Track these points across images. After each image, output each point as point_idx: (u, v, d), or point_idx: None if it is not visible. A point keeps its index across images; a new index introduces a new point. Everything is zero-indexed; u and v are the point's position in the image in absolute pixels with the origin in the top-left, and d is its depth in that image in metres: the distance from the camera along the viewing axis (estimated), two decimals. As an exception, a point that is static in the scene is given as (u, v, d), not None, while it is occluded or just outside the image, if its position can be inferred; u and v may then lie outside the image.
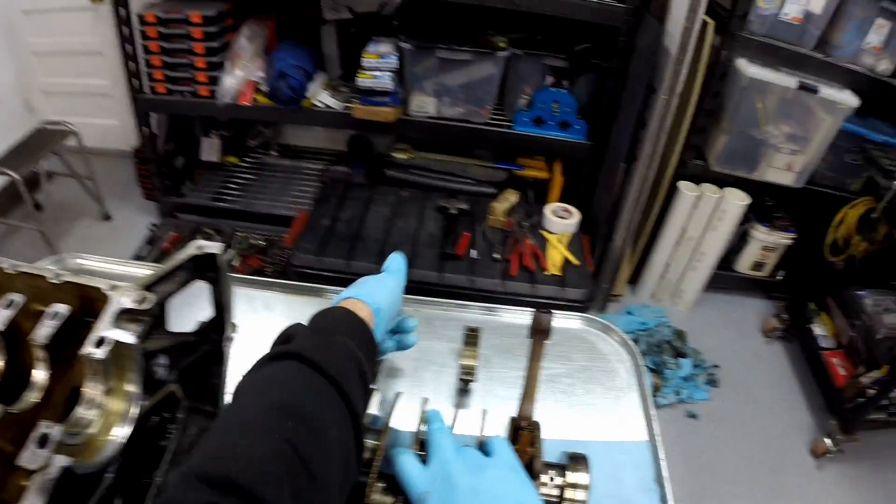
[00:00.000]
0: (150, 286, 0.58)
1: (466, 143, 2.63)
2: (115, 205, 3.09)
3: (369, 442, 0.68)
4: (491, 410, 0.76)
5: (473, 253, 2.01)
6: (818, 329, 2.46)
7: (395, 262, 0.84)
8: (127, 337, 0.53)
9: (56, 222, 2.86)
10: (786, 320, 2.63)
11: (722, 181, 2.51)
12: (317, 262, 1.99)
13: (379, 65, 2.18)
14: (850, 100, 2.22)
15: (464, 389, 0.90)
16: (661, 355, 2.45)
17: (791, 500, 2.06)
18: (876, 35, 2.21)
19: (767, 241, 2.65)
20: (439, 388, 0.91)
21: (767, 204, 2.68)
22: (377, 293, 0.73)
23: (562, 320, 1.06)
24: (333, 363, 0.57)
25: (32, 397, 0.53)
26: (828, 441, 2.14)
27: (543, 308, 0.76)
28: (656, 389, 2.35)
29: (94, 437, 0.52)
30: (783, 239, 2.64)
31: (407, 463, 0.64)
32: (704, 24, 2.15)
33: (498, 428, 0.77)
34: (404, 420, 0.73)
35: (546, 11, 2.09)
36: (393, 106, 2.25)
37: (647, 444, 0.86)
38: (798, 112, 2.35)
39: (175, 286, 0.62)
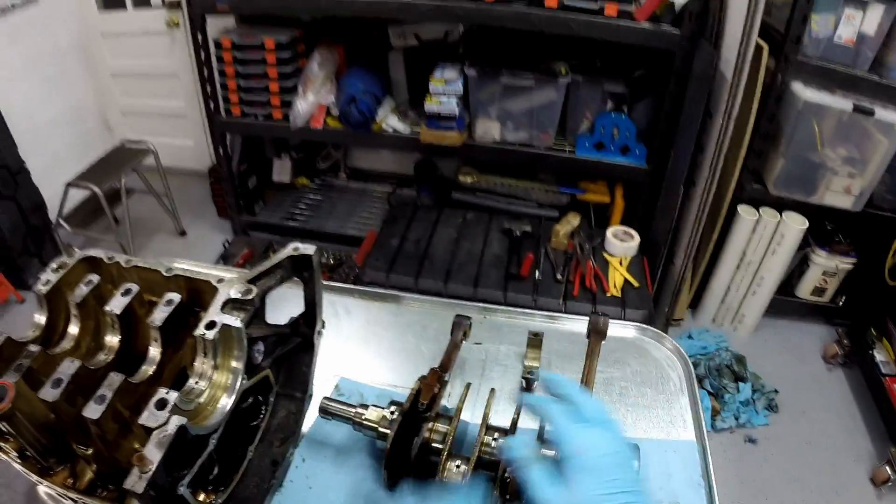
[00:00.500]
0: (253, 280, 0.67)
1: (530, 167, 2.69)
2: (190, 221, 3.24)
3: (440, 426, 0.76)
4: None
5: (537, 274, 2.07)
6: (880, 355, 2.41)
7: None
8: (234, 321, 0.61)
9: (134, 236, 3.03)
10: (846, 346, 2.60)
11: (780, 205, 2.51)
12: (385, 279, 2.07)
13: (445, 90, 2.26)
14: (906, 121, 2.19)
15: (526, 388, 0.96)
16: (721, 379, 2.45)
17: None
18: None
19: (828, 266, 2.62)
20: (504, 385, 0.97)
21: (827, 228, 2.65)
22: None
23: (618, 329, 1.11)
24: None
25: (149, 371, 0.62)
26: (888, 469, 2.10)
27: (603, 315, 0.86)
28: (715, 414, 2.35)
29: (204, 405, 0.61)
30: (843, 264, 2.61)
31: (538, 481, 0.57)
32: (759, 47, 2.17)
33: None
34: (472, 409, 0.83)
35: (603, 36, 2.15)
36: (458, 130, 2.33)
37: (696, 444, 0.91)
38: (854, 134, 2.34)
39: (275, 282, 0.71)
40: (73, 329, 0.65)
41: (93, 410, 0.54)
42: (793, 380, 2.55)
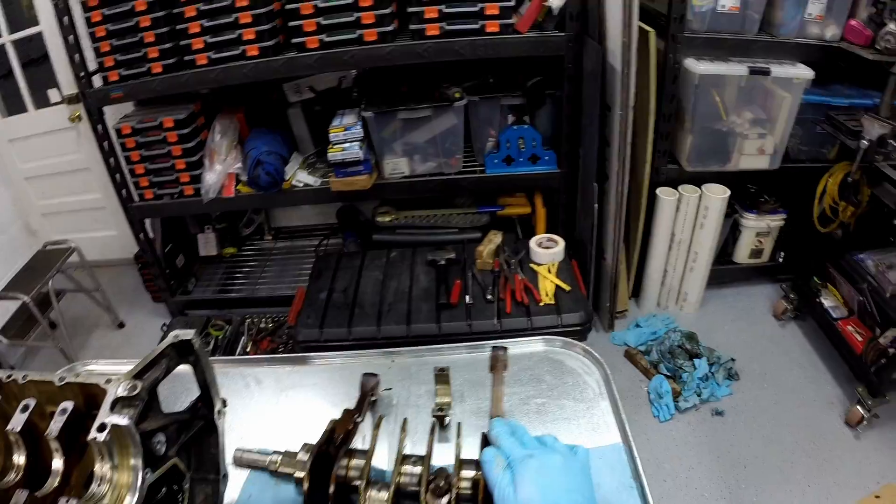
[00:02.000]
0: (138, 375, 0.68)
1: (444, 194, 2.70)
2: (126, 311, 3.19)
3: (357, 462, 0.77)
4: (471, 436, 0.82)
5: (467, 299, 2.06)
6: (827, 301, 2.46)
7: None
8: (122, 420, 0.62)
9: (73, 337, 2.97)
10: (794, 300, 2.64)
11: (700, 180, 2.55)
12: (319, 335, 2.04)
13: (346, 136, 2.27)
14: (804, 73, 2.26)
15: (441, 425, 0.94)
16: (675, 360, 2.47)
17: (834, 475, 2.05)
18: (816, 4, 2.24)
19: (759, 227, 2.68)
20: (417, 427, 0.95)
21: (751, 191, 2.71)
22: None
23: (525, 346, 1.10)
24: None
25: (54, 483, 0.63)
26: (860, 409, 2.14)
27: (501, 348, 0.90)
28: (677, 395, 2.36)
29: None
30: (774, 221, 2.67)
31: (504, 431, 0.71)
32: (645, 33, 2.22)
33: (474, 449, 0.81)
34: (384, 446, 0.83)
35: (490, 55, 2.18)
36: (367, 173, 2.33)
37: (622, 445, 0.90)
38: (757, 96, 2.40)
39: (161, 372, 0.71)
40: None
41: None
42: (748, 344, 2.59)
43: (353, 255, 2.28)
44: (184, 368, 0.77)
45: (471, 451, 0.77)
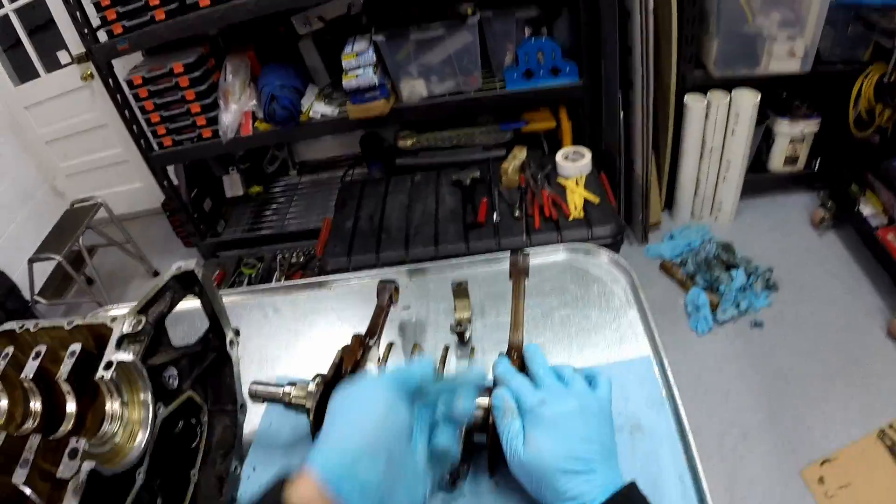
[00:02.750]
0: (142, 310, 0.68)
1: (465, 114, 2.64)
2: (159, 259, 3.25)
3: None
4: (492, 353, 0.78)
5: (495, 216, 2.03)
6: (866, 209, 2.37)
7: (398, 372, 0.59)
8: (127, 356, 0.62)
9: (110, 290, 3.03)
10: (832, 208, 2.55)
11: (729, 85, 2.44)
12: (348, 263, 2.04)
13: (359, 62, 2.22)
14: (833, -32, 2.12)
15: (460, 341, 0.90)
16: (712, 272, 2.41)
17: (875, 387, 1.99)
18: None
19: (793, 133, 2.57)
20: (437, 343, 0.91)
21: (783, 96, 2.60)
22: (335, 438, 0.52)
23: (547, 255, 1.05)
24: None
25: (67, 426, 0.62)
26: None
27: (521, 252, 0.81)
28: (714, 307, 2.32)
29: (122, 444, 0.62)
30: (808, 127, 2.56)
31: (510, 370, 0.66)
32: (666, -69, 2.11)
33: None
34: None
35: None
36: (384, 98, 2.29)
37: (651, 358, 0.84)
38: (784, -4, 2.27)
39: (165, 306, 0.71)
40: (2, 403, 0.66)
41: (19, 475, 0.55)
42: (786, 254, 2.51)
43: (378, 182, 2.26)
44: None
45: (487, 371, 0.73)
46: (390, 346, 0.80)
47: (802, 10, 2.27)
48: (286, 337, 1.03)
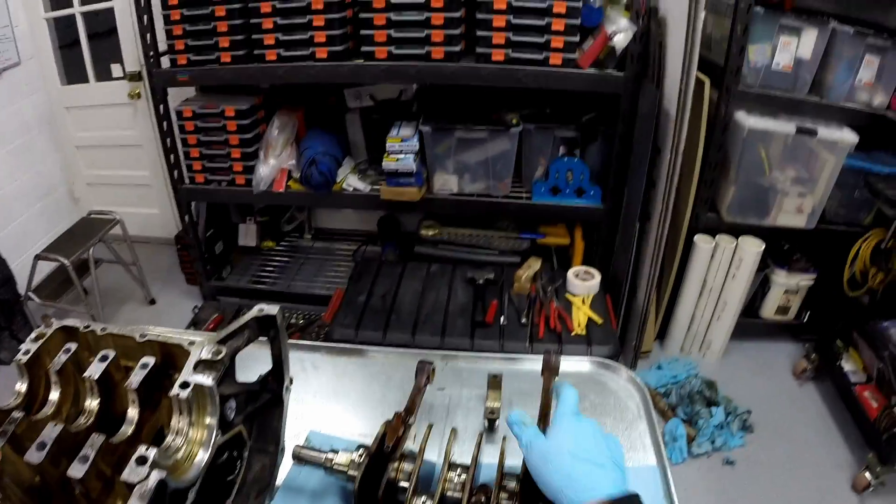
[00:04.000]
0: (222, 341, 0.71)
1: (489, 215, 2.74)
2: (158, 289, 3.25)
3: (406, 466, 0.81)
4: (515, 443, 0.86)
5: (502, 319, 2.11)
6: (847, 365, 2.46)
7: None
8: (206, 381, 0.65)
9: (104, 306, 3.02)
10: (815, 360, 2.64)
11: (736, 230, 2.58)
12: (354, 336, 2.09)
13: (402, 147, 2.32)
14: (849, 137, 2.29)
15: (490, 428, 1.00)
16: (694, 406, 2.49)
17: None
18: (867, 71, 2.29)
19: (789, 285, 2.69)
20: (468, 426, 1.01)
21: (784, 248, 2.73)
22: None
23: (574, 364, 1.15)
24: None
25: (128, 430, 0.66)
26: (868, 475, 2.14)
27: (555, 352, 0.90)
28: (691, 440, 2.38)
29: (181, 461, 0.64)
30: (804, 280, 2.68)
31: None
32: (700, 82, 2.26)
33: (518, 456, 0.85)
34: (437, 449, 0.87)
35: (550, 86, 2.24)
36: (417, 186, 2.38)
37: (657, 467, 0.93)
38: (801, 155, 2.42)
39: (242, 342, 0.75)
40: (54, 395, 0.69)
41: (77, 470, 0.57)
42: (765, 399, 2.59)
43: (394, 264, 2.33)
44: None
45: (514, 458, 0.81)
46: (430, 427, 0.86)
47: (816, 169, 2.41)
48: (321, 394, 1.10)
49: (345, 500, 0.88)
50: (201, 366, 0.67)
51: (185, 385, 0.63)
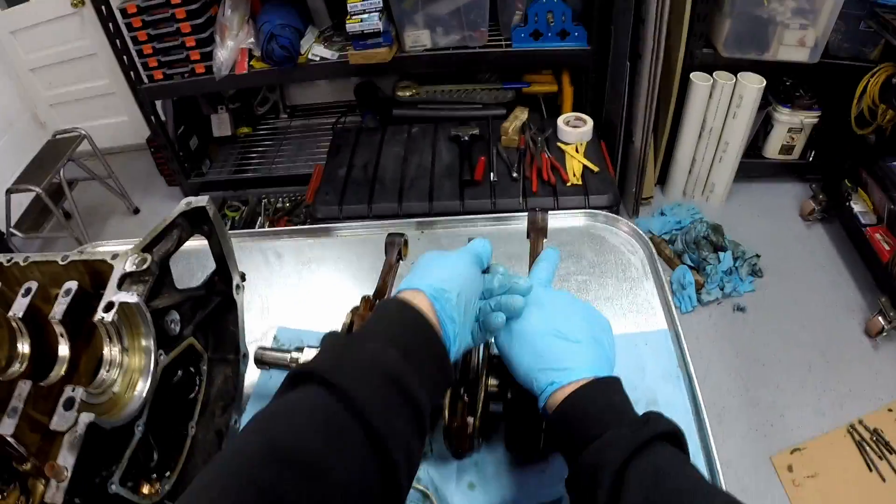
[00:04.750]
0: (147, 248, 0.62)
1: (468, 69, 2.59)
2: (141, 197, 3.17)
3: None
4: None
5: (492, 176, 2.00)
6: (857, 206, 2.37)
7: (471, 245, 0.67)
8: (131, 297, 0.56)
9: (88, 226, 2.95)
10: (823, 201, 2.56)
11: (735, 67, 2.42)
12: (339, 212, 2.01)
13: (365, 7, 2.15)
14: (854, -39, 2.09)
15: None
16: (700, 252, 2.42)
17: (849, 383, 2.02)
18: None
19: (792, 123, 2.56)
20: None
21: (787, 84, 2.58)
22: (434, 274, 0.59)
23: (568, 219, 1.04)
24: (356, 384, 0.47)
25: (60, 371, 0.57)
26: (881, 319, 2.08)
27: (541, 210, 0.80)
28: (700, 287, 2.33)
29: (120, 394, 0.57)
30: (808, 118, 2.55)
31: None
32: None
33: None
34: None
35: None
36: (387, 45, 2.22)
37: (668, 331, 0.84)
38: (801, -18, 2.24)
39: (172, 244, 0.66)
40: None
41: (6, 426, 0.49)
42: (773, 242, 2.52)
43: (373, 131, 2.21)
44: (199, 243, 0.71)
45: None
46: None
47: (818, 0, 2.24)
48: (289, 283, 1.01)
49: None
50: (128, 280, 0.58)
51: (109, 306, 0.55)
